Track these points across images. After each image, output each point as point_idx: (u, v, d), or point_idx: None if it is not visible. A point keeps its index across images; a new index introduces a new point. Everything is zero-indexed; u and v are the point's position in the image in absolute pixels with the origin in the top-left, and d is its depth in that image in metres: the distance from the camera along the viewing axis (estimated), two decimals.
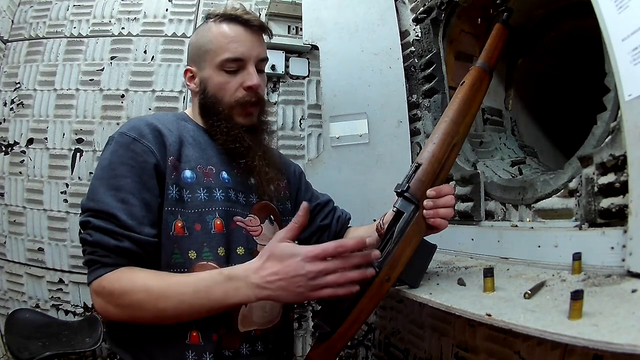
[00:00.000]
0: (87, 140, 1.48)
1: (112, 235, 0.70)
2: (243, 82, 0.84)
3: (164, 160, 0.77)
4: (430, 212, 0.75)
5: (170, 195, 0.76)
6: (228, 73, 0.84)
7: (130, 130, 0.77)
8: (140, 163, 0.75)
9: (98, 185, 0.74)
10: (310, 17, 1.43)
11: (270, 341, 0.83)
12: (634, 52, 0.59)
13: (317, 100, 1.58)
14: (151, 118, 0.83)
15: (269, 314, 0.83)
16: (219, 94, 0.85)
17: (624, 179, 0.63)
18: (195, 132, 0.86)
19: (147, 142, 0.76)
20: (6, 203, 1.49)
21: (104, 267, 0.70)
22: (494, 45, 0.83)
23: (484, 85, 0.81)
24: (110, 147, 0.77)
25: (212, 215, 0.78)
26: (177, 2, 1.59)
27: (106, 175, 0.74)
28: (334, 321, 0.73)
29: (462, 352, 1.00)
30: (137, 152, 0.75)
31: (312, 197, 1.04)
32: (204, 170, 0.81)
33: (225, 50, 0.83)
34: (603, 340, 0.43)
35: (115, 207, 0.71)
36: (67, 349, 1.24)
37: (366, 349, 1.53)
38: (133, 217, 0.71)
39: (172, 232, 0.75)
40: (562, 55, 1.23)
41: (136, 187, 0.73)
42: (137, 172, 0.74)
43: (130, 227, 0.71)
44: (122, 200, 0.72)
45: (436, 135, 0.79)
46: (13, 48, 1.58)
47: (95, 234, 0.70)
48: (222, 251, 0.77)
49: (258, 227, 0.85)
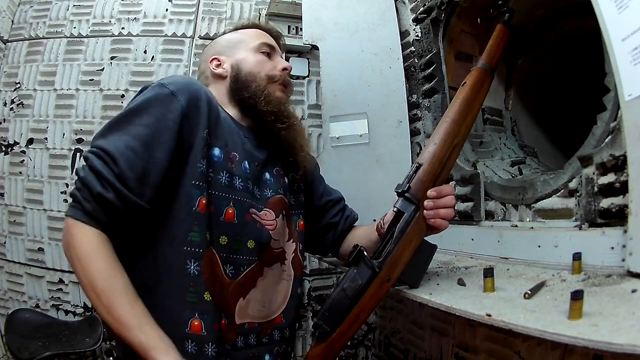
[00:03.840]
0: (87, 140, 1.48)
1: (101, 181, 0.65)
2: (277, 65, 0.92)
3: (196, 130, 0.73)
4: (431, 213, 0.75)
5: (201, 169, 0.73)
6: (263, 54, 0.92)
7: (171, 84, 0.73)
8: (167, 119, 0.70)
9: (115, 126, 0.70)
10: (310, 17, 1.43)
11: (266, 335, 0.82)
12: (634, 52, 0.59)
13: (317, 100, 1.58)
14: (196, 81, 0.82)
15: (267, 308, 0.83)
16: (255, 69, 0.89)
17: (624, 179, 0.63)
18: (223, 114, 0.83)
19: (183, 101, 0.72)
20: (6, 203, 1.48)
21: (83, 212, 0.65)
22: (495, 46, 0.83)
23: (485, 86, 0.81)
24: (146, 93, 0.73)
25: (226, 202, 0.76)
26: (177, 2, 1.59)
27: (129, 119, 0.70)
28: (333, 321, 0.73)
29: (462, 352, 1.00)
30: (168, 107, 0.71)
31: (325, 193, 1.03)
32: (230, 154, 0.79)
33: (261, 38, 0.93)
34: (603, 340, 0.43)
35: (120, 152, 0.66)
36: (67, 349, 1.24)
37: (366, 349, 1.53)
38: (133, 170, 0.66)
39: (195, 207, 0.72)
40: (562, 55, 1.23)
41: (153, 142, 0.69)
42: (161, 128, 0.70)
43: (125, 178, 0.66)
44: (131, 148, 0.67)
45: (437, 135, 0.78)
46: (13, 48, 1.57)
47: (89, 173, 0.66)
48: (223, 240, 0.75)
49: (273, 222, 0.84)
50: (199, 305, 0.71)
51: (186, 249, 0.71)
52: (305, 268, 1.51)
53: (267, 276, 0.83)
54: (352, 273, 0.75)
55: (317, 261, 1.52)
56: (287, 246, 0.88)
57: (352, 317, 0.73)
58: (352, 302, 0.73)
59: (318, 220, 1.01)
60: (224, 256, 0.76)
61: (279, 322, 0.85)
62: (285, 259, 0.87)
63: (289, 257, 0.88)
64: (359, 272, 0.74)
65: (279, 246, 0.86)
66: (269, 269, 0.83)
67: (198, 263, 0.72)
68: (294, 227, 0.91)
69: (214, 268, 0.74)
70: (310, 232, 0.98)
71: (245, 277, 0.79)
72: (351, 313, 0.73)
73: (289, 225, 0.90)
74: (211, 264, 0.74)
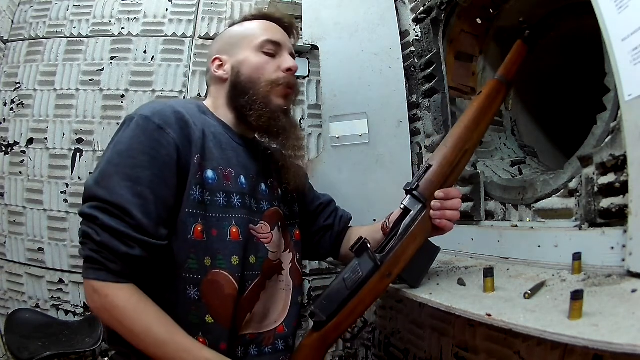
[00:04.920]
0: (87, 140, 1.48)
1: (123, 240, 0.63)
2: (281, 64, 0.85)
3: (189, 157, 0.72)
4: (437, 213, 0.76)
5: (194, 196, 0.71)
6: (267, 55, 0.85)
7: (154, 115, 0.70)
8: (163, 156, 0.69)
9: (113, 172, 0.66)
10: (310, 17, 1.43)
11: (268, 345, 0.82)
12: (634, 52, 0.59)
13: (317, 100, 1.58)
14: (177, 105, 0.76)
15: (265, 318, 0.82)
16: (255, 74, 0.83)
17: (624, 179, 0.63)
18: (216, 128, 0.81)
19: (173, 133, 0.70)
20: (6, 203, 1.48)
21: (108, 272, 0.64)
22: (513, 61, 0.85)
23: (500, 97, 0.83)
24: (130, 130, 0.69)
25: (228, 223, 0.75)
26: (177, 2, 1.58)
27: (124, 162, 0.67)
28: (330, 310, 0.73)
29: (462, 352, 1.00)
30: (161, 142, 0.69)
31: (315, 198, 1.04)
32: (224, 172, 0.77)
33: (265, 34, 0.86)
34: (603, 340, 0.43)
35: (130, 201, 0.64)
36: (67, 349, 1.24)
37: (366, 349, 1.53)
38: (148, 216, 0.66)
39: (190, 235, 0.70)
40: (562, 55, 1.23)
41: (156, 181, 0.67)
42: (159, 166, 0.68)
43: (145, 227, 0.65)
44: (139, 194, 0.65)
45: (450, 139, 0.80)
46: (13, 48, 1.57)
47: (104, 234, 0.63)
48: (235, 260, 0.74)
49: (269, 235, 0.83)
50: (202, 326, 0.72)
51: (185, 276, 0.71)
52: (305, 268, 1.51)
53: (268, 288, 0.83)
54: (354, 264, 0.75)
55: (317, 261, 1.52)
56: (283, 257, 0.88)
57: (350, 309, 0.73)
58: (351, 294, 0.73)
59: (312, 225, 1.01)
60: (238, 276, 0.74)
61: (281, 332, 0.84)
62: (283, 269, 0.87)
63: (286, 268, 0.88)
64: (361, 264, 0.75)
65: (276, 258, 0.85)
66: (269, 281, 0.83)
67: (197, 288, 0.71)
68: (290, 238, 0.91)
69: (220, 291, 0.73)
70: (306, 238, 0.98)
71: (251, 292, 0.78)
72: (349, 304, 0.73)
73: (285, 236, 0.89)
74: (215, 286, 0.72)
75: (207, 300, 0.72)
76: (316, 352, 0.76)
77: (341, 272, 0.76)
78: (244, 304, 0.77)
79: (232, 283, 0.74)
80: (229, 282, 0.74)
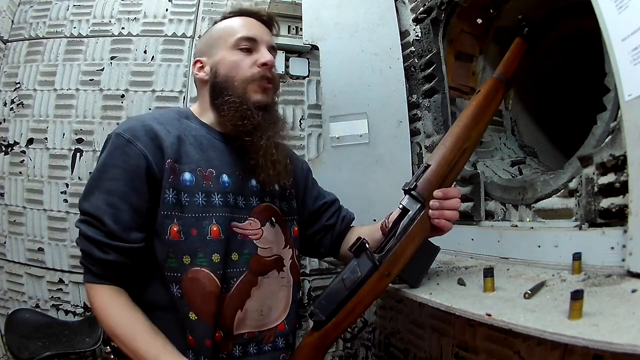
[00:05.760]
0: (87, 140, 1.48)
1: (98, 246, 0.72)
2: (257, 60, 0.84)
3: (160, 164, 0.76)
4: (436, 213, 0.76)
5: (167, 199, 0.75)
6: (242, 51, 0.85)
7: (125, 131, 0.77)
8: (132, 166, 0.75)
9: (94, 187, 0.75)
10: (310, 17, 1.43)
11: (268, 343, 0.82)
12: (634, 52, 0.59)
13: (317, 100, 1.58)
14: (149, 118, 0.81)
15: (266, 316, 0.82)
16: (231, 73, 0.83)
17: (624, 179, 0.63)
18: (197, 131, 0.84)
19: (140, 145, 0.76)
20: (6, 203, 1.48)
21: (92, 275, 0.73)
22: (512, 58, 0.85)
23: (499, 95, 0.83)
24: (107, 148, 0.78)
25: (208, 222, 0.77)
26: (177, 2, 1.58)
27: (101, 177, 0.75)
28: (329, 310, 0.74)
29: (462, 352, 1.00)
30: (129, 155, 0.75)
31: (319, 196, 1.03)
32: (204, 173, 0.79)
33: (239, 31, 0.86)
34: (603, 340, 0.43)
35: (103, 211, 0.72)
36: (67, 349, 1.24)
37: (366, 349, 1.53)
38: (119, 222, 0.72)
39: (167, 236, 0.75)
40: (562, 55, 1.23)
41: (126, 191, 0.74)
42: (129, 176, 0.74)
43: (116, 233, 0.72)
44: (111, 204, 0.73)
45: (448, 138, 0.80)
46: (13, 48, 1.57)
47: (84, 242, 0.73)
48: (216, 258, 0.76)
49: (258, 231, 0.83)
50: (187, 323, 0.74)
51: (167, 274, 0.75)
52: (305, 268, 1.51)
53: (263, 285, 0.82)
54: (353, 264, 0.75)
55: (317, 261, 1.52)
56: (284, 253, 0.87)
57: (349, 309, 0.74)
58: (350, 294, 0.74)
59: (314, 223, 1.00)
60: (220, 273, 0.76)
61: (282, 329, 0.84)
62: (284, 266, 0.87)
63: (287, 264, 0.88)
64: (360, 264, 0.75)
65: (271, 254, 0.85)
66: (264, 277, 0.83)
67: (179, 286, 0.75)
68: (289, 234, 0.91)
69: (201, 288, 0.75)
70: (307, 236, 0.98)
71: (237, 289, 0.79)
72: (348, 304, 0.74)
73: (284, 232, 0.89)
74: (196, 284, 0.75)
75: (188, 297, 0.74)
76: (316, 352, 0.77)
77: (340, 272, 0.76)
78: (230, 301, 0.77)
79: (213, 280, 0.75)
80: (210, 279, 0.75)
